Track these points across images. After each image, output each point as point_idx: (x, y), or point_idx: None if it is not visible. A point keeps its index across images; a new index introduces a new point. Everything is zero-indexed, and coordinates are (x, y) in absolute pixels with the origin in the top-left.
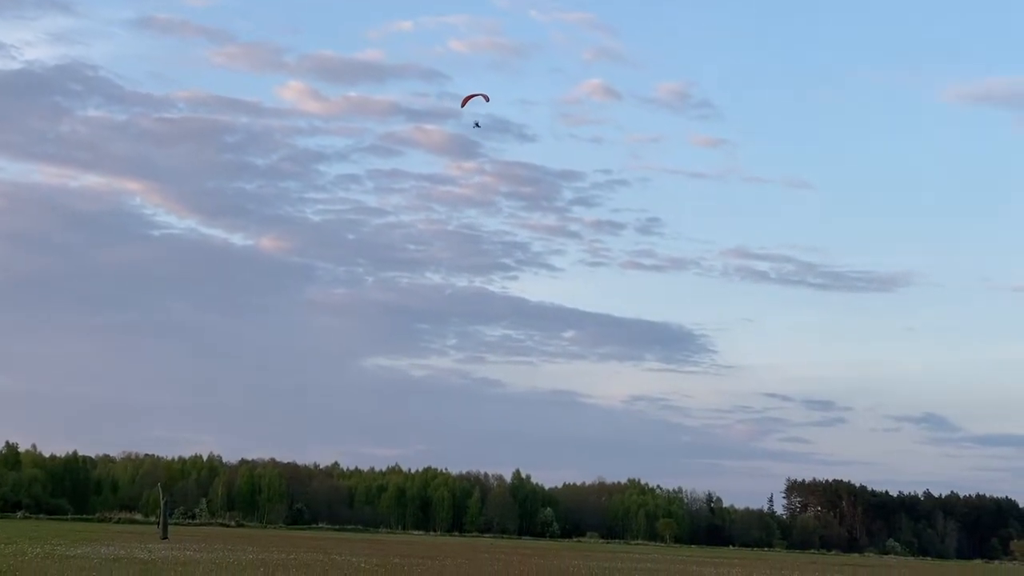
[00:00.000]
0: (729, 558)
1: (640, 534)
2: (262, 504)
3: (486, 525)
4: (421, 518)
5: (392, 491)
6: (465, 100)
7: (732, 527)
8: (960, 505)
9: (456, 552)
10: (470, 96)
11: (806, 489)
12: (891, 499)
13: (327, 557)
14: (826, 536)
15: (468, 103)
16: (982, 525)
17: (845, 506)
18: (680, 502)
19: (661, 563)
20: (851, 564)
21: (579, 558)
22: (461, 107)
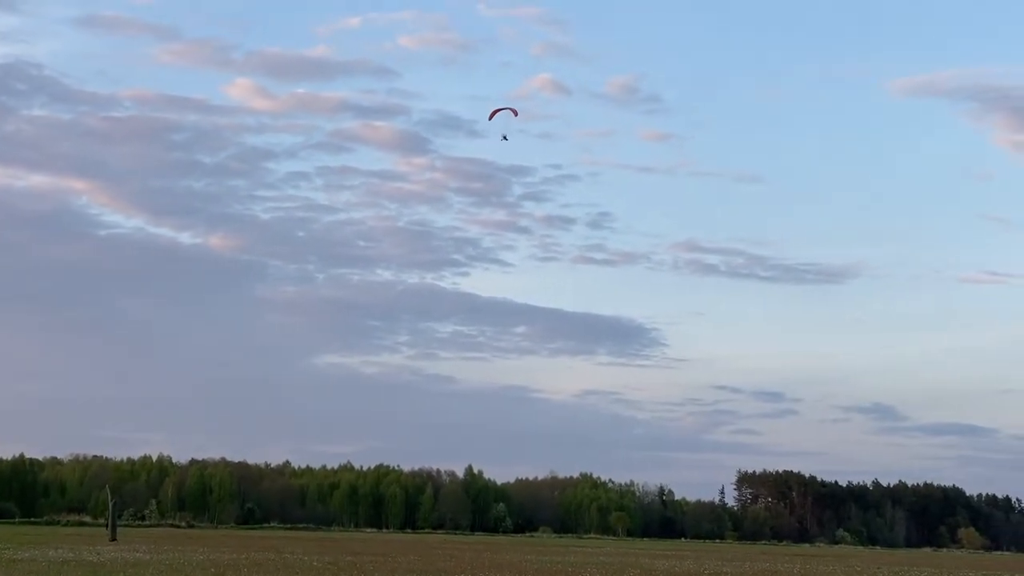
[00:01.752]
0: (681, 550)
1: (593, 528)
2: (213, 504)
3: (439, 521)
4: (374, 516)
5: (344, 489)
6: (493, 113)
7: (684, 519)
8: (908, 494)
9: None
10: (498, 109)
11: (757, 480)
12: (840, 489)
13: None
14: (777, 527)
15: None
16: (930, 514)
17: (795, 497)
18: (632, 495)
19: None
20: (801, 554)
21: (532, 553)
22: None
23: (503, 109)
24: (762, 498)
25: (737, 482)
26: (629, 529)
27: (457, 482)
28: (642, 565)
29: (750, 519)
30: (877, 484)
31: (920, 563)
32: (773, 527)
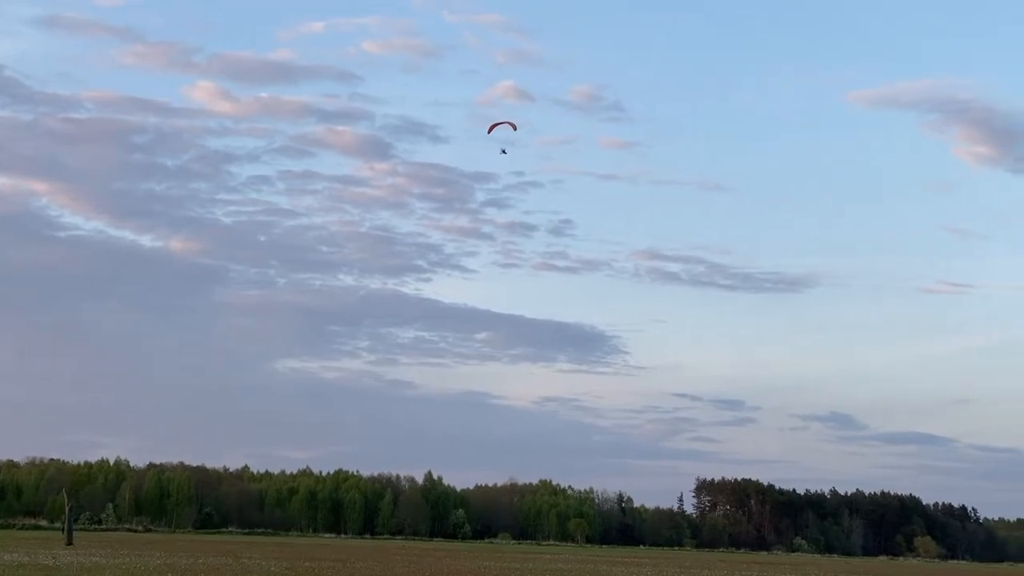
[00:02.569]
0: (639, 557)
1: (552, 534)
2: (170, 508)
3: (398, 527)
4: (332, 521)
5: (303, 494)
6: (492, 127)
7: (643, 527)
8: (865, 503)
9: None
10: (497, 124)
11: (715, 488)
12: (798, 497)
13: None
14: (735, 534)
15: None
16: (887, 522)
17: (753, 504)
18: (591, 502)
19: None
20: (759, 562)
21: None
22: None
23: (502, 123)
24: (720, 506)
25: (696, 489)
26: (588, 536)
27: (416, 488)
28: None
29: (708, 527)
30: (835, 492)
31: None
32: (731, 535)
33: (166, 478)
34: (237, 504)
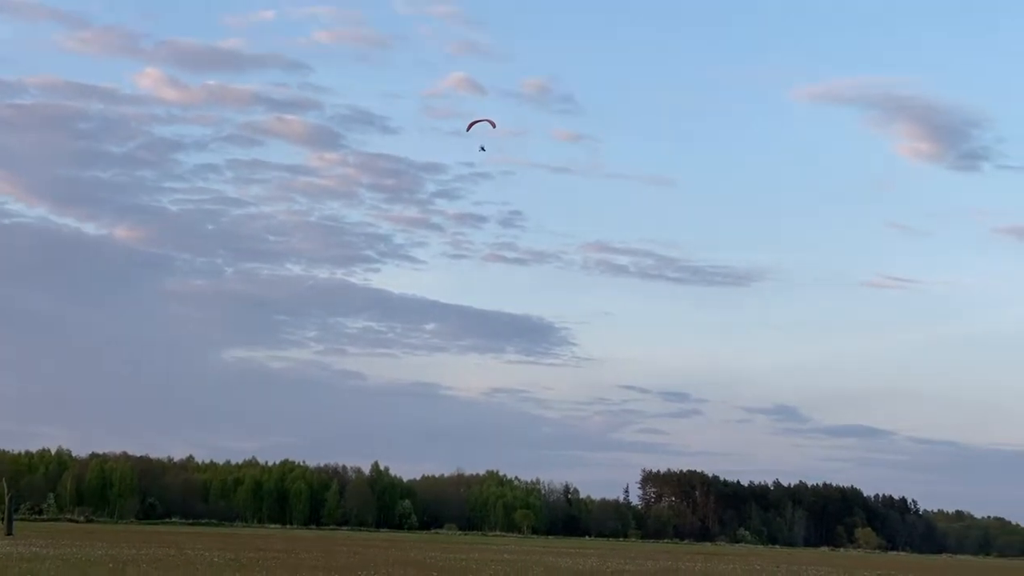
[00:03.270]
0: (585, 548)
1: (498, 525)
2: (113, 499)
3: (344, 518)
4: (278, 511)
5: (248, 484)
6: (471, 124)
7: (589, 518)
8: (808, 494)
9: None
10: (476, 121)
11: (661, 480)
12: (742, 489)
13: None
14: (680, 526)
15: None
16: (828, 513)
17: (698, 496)
18: (538, 493)
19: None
20: (703, 553)
21: (437, 550)
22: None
23: (481, 120)
24: (666, 497)
25: (642, 481)
26: (534, 527)
27: (363, 479)
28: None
29: (653, 518)
30: (778, 484)
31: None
32: (676, 526)
33: (108, 468)
34: (181, 495)
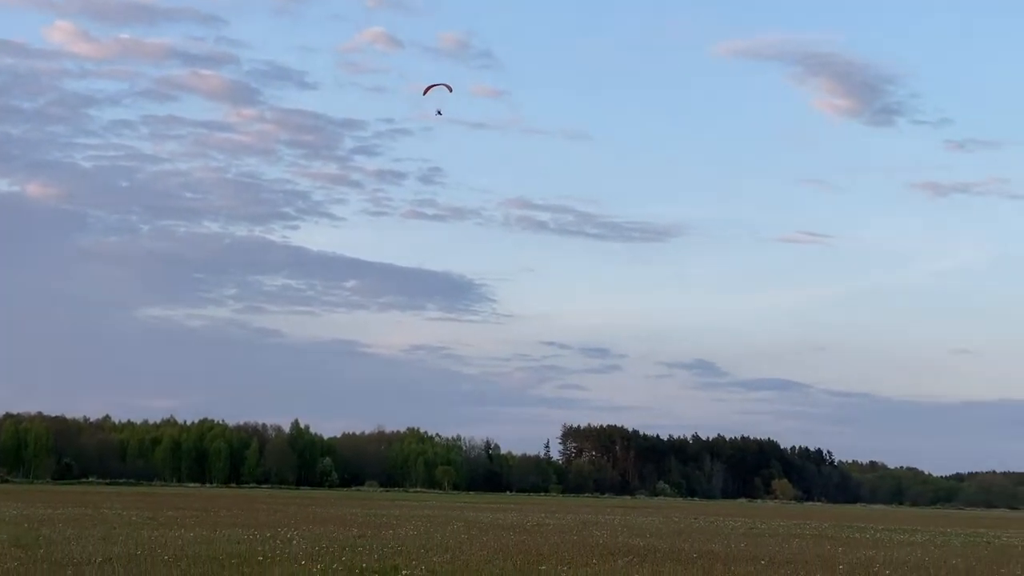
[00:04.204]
0: (506, 503)
1: (419, 482)
2: (28, 459)
3: (264, 476)
4: (197, 471)
5: (166, 443)
6: (427, 89)
7: (510, 473)
8: (726, 447)
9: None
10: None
11: (581, 435)
12: (662, 443)
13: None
14: (600, 480)
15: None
16: (746, 466)
17: (618, 450)
18: (459, 450)
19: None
20: (622, 506)
21: (357, 506)
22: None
23: (438, 85)
24: (586, 452)
25: (562, 436)
26: (455, 483)
27: (283, 436)
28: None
29: (574, 472)
30: (697, 438)
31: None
32: (596, 480)
33: (23, 428)
34: (98, 454)
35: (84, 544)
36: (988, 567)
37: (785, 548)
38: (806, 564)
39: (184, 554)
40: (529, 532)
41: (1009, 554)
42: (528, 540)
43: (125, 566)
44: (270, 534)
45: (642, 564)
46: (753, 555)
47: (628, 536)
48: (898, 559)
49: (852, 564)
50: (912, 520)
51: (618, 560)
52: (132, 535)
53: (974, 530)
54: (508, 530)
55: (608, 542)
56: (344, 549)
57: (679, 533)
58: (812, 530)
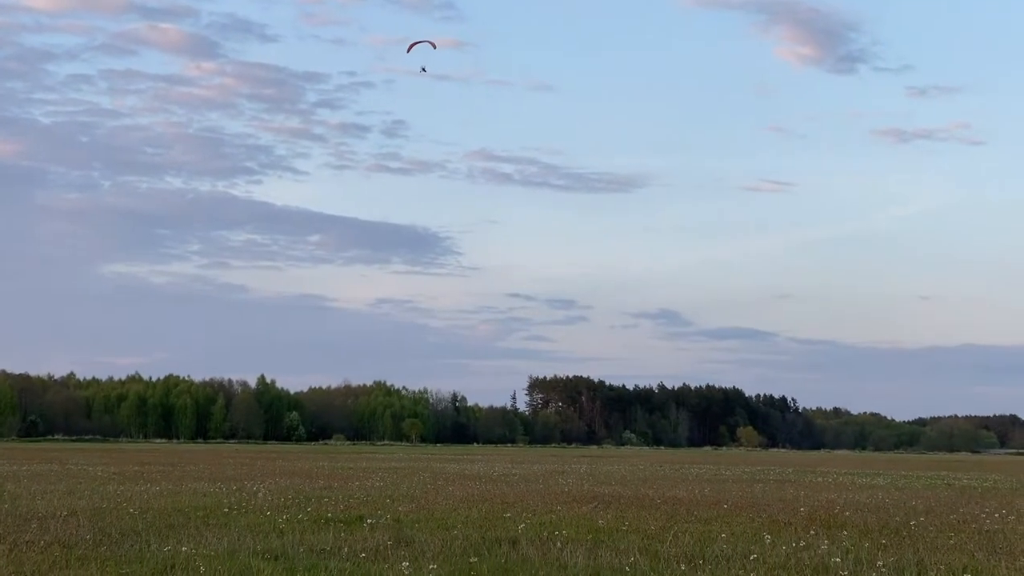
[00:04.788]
0: (473, 454)
1: (387, 435)
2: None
3: (231, 431)
4: (163, 427)
5: (132, 400)
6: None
7: (477, 425)
8: (691, 396)
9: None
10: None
11: (547, 386)
12: (627, 392)
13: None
14: (566, 430)
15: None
16: (711, 414)
17: (584, 401)
18: (426, 402)
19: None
20: (589, 456)
21: (325, 460)
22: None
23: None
24: (553, 403)
25: (528, 387)
26: (422, 435)
27: (249, 392)
28: (432, 469)
29: (541, 423)
30: (662, 387)
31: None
32: (563, 431)
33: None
34: (63, 411)
35: (49, 499)
36: (947, 507)
37: (748, 493)
38: (768, 507)
39: (150, 507)
40: (495, 482)
41: (969, 495)
42: (494, 489)
43: (90, 519)
44: (236, 487)
45: (607, 510)
46: (716, 500)
47: (593, 484)
48: (859, 501)
49: (813, 507)
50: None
51: (583, 507)
52: (98, 490)
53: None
54: (474, 480)
55: (573, 490)
56: (310, 500)
57: (644, 480)
58: (776, 475)
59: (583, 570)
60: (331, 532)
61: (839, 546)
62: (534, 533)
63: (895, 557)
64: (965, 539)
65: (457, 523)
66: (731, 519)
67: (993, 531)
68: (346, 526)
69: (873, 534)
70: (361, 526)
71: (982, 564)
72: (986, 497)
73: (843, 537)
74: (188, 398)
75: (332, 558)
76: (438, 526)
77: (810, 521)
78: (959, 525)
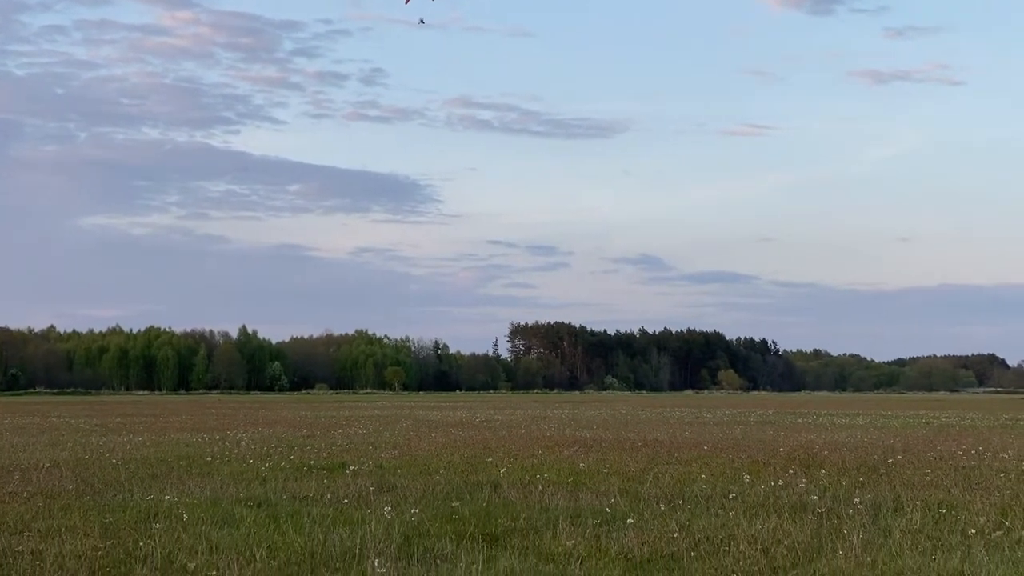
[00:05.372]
0: (455, 401)
1: (369, 383)
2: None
3: (213, 382)
4: (145, 379)
5: (114, 352)
6: None
7: (459, 372)
8: (672, 340)
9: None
10: None
11: (529, 332)
12: (609, 338)
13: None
14: (548, 376)
15: None
16: (693, 358)
17: (566, 347)
18: (408, 350)
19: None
20: (571, 401)
21: (307, 409)
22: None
23: None
24: (534, 349)
25: (510, 334)
26: (405, 383)
27: (231, 342)
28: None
29: (523, 370)
30: (644, 332)
31: (680, 404)
32: (545, 376)
33: None
34: (44, 365)
35: (31, 451)
36: (925, 445)
37: (728, 435)
38: (748, 448)
39: (132, 457)
40: (477, 428)
41: (946, 433)
42: (476, 435)
43: (73, 470)
44: (219, 437)
45: (588, 454)
46: (697, 442)
47: (575, 429)
48: (838, 441)
49: (792, 447)
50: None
51: (564, 451)
52: (80, 441)
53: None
54: (456, 427)
55: (555, 435)
56: (293, 449)
57: (625, 424)
58: (756, 417)
59: (564, 511)
60: (314, 479)
61: (817, 484)
62: (516, 477)
63: (872, 494)
64: (941, 475)
65: (439, 468)
66: (711, 460)
67: (969, 467)
68: (329, 473)
69: (851, 472)
70: (344, 473)
71: (957, 499)
72: (963, 435)
73: (821, 476)
74: (170, 349)
75: (315, 504)
76: (420, 472)
77: (789, 461)
78: (936, 462)
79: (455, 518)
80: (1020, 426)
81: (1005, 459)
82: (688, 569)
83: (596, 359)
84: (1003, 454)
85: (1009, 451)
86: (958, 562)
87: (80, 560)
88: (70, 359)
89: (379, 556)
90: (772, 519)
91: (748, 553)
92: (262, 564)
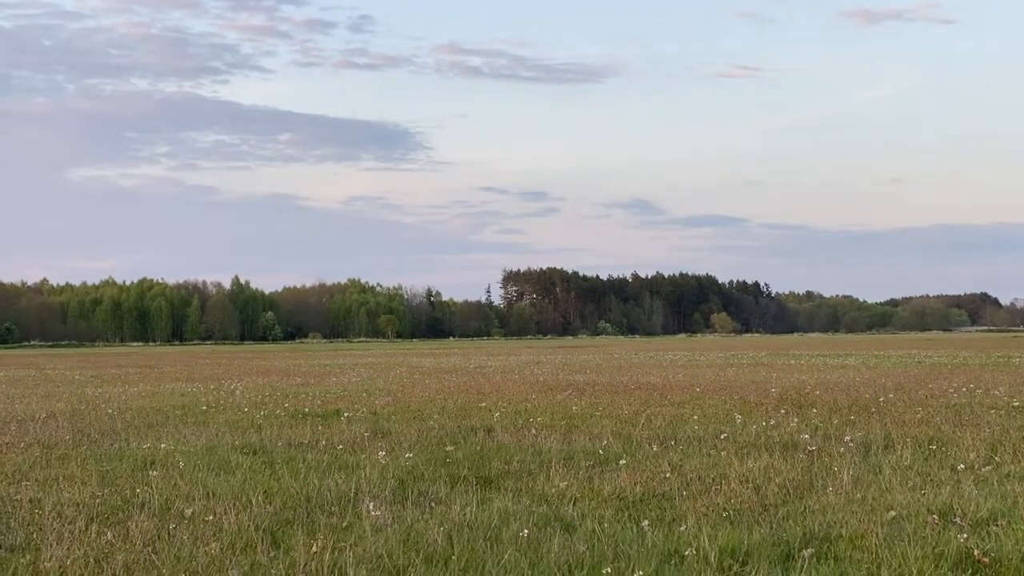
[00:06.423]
0: (448, 349)
1: (362, 332)
2: None
3: (207, 333)
4: (139, 330)
5: (107, 304)
6: None
7: (452, 320)
8: (665, 284)
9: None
10: None
11: (521, 278)
12: (601, 283)
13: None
14: (541, 322)
15: None
16: (685, 301)
17: (559, 292)
18: (400, 298)
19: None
20: (564, 346)
21: (301, 358)
22: None
23: None
24: (527, 295)
25: (503, 281)
26: (398, 331)
27: (224, 293)
28: (410, 363)
29: (516, 316)
30: (636, 276)
31: (673, 348)
32: (538, 322)
33: None
34: (38, 318)
35: (28, 402)
36: (916, 383)
37: (721, 377)
38: (740, 390)
39: (128, 407)
40: (471, 374)
41: (938, 372)
42: (469, 381)
43: (69, 420)
44: (214, 386)
45: (581, 397)
46: (689, 385)
47: (568, 373)
48: (829, 381)
49: (784, 388)
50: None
51: (558, 395)
52: (76, 392)
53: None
54: (450, 373)
55: (548, 379)
56: (287, 397)
57: (618, 368)
58: (749, 359)
59: (557, 454)
60: (308, 426)
61: (808, 423)
62: (509, 421)
63: (863, 432)
64: (932, 413)
65: (433, 414)
66: (703, 402)
67: (960, 405)
68: (323, 420)
69: (842, 411)
70: (338, 420)
71: (948, 436)
72: (955, 373)
73: (812, 415)
74: (163, 301)
75: (310, 450)
76: (414, 418)
77: (781, 401)
78: (927, 400)
79: (449, 462)
80: (1012, 364)
81: (996, 396)
82: (680, 508)
83: (589, 304)
84: (994, 391)
85: (1000, 388)
86: (947, 496)
87: (78, 508)
88: (64, 312)
89: (374, 500)
90: (763, 458)
91: (739, 491)
92: (258, 509)
